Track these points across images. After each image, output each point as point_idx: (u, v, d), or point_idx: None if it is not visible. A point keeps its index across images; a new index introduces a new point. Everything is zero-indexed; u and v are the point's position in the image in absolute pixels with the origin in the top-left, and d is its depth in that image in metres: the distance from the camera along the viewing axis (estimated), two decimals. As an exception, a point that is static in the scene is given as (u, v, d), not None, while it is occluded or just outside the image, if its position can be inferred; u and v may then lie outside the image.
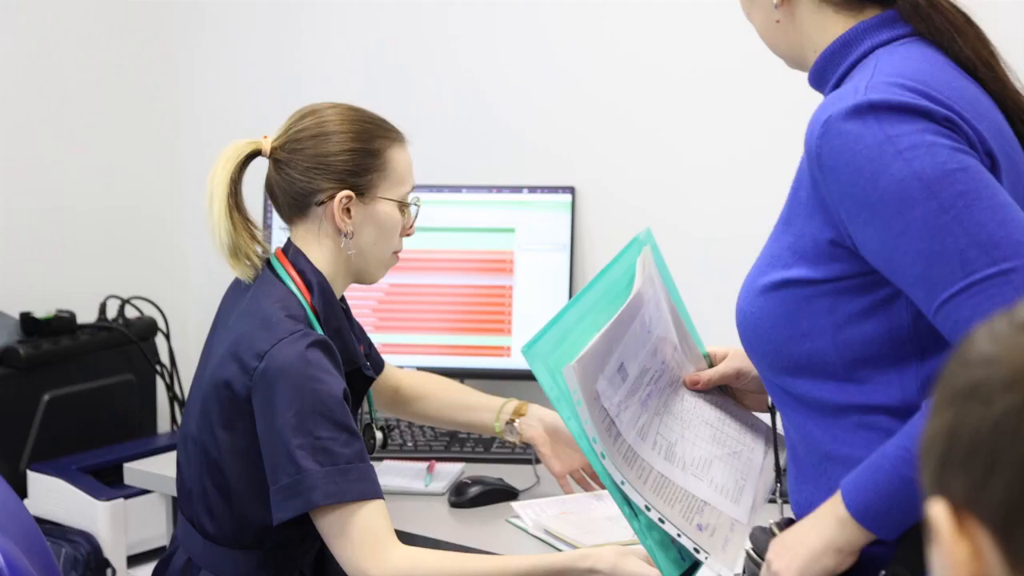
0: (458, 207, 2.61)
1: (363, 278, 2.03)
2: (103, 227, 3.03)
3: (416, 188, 2.13)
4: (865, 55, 1.43)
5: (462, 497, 2.12)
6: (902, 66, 1.38)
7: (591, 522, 2.05)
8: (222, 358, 1.92)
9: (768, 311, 1.42)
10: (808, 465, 1.44)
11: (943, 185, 1.29)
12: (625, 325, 1.53)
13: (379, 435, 2.24)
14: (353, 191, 1.93)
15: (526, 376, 2.11)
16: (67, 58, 2.98)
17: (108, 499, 2.49)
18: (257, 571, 1.95)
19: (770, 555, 1.41)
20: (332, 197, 1.92)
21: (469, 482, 2.17)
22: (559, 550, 2.03)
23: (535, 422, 2.20)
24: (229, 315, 2.01)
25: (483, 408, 2.25)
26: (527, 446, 2.24)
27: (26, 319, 2.69)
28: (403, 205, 1.98)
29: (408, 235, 2.04)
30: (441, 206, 2.56)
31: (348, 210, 1.93)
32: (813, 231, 1.38)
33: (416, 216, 2.03)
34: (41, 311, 2.71)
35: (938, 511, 0.78)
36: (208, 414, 1.92)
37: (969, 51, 1.43)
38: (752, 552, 1.52)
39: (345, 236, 1.95)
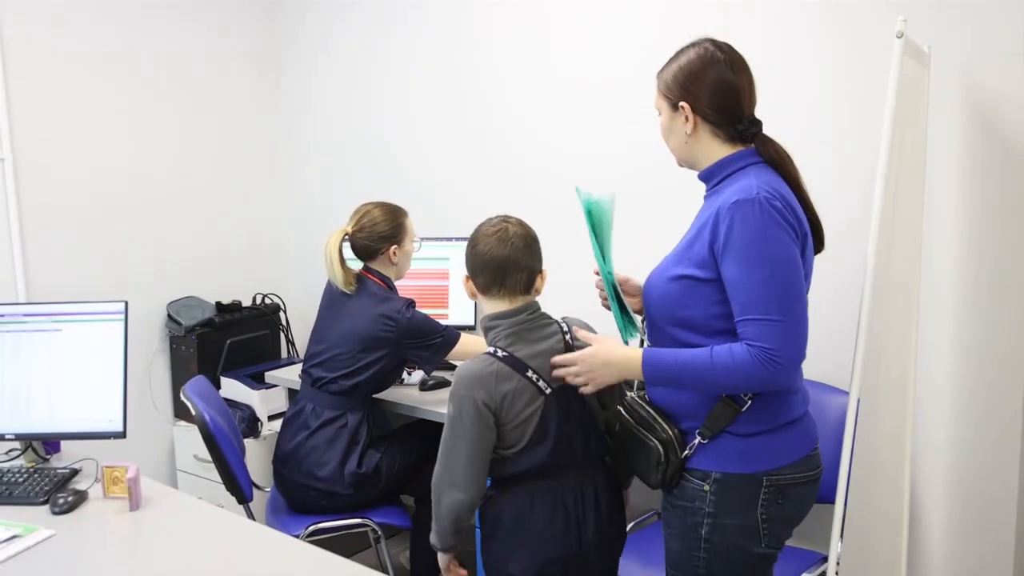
0: (424, 247, 3.10)
1: (398, 278, 2.74)
2: (254, 256, 3.74)
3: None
4: (740, 169, 1.68)
5: (425, 385, 2.93)
6: (769, 180, 1.62)
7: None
8: (364, 320, 2.57)
9: (672, 289, 1.64)
10: None
11: (784, 267, 1.56)
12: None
13: None
14: (396, 245, 2.69)
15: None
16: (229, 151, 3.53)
17: (258, 389, 3.19)
18: (347, 409, 2.64)
19: (582, 354, 1.70)
20: (387, 249, 2.67)
21: (429, 379, 2.95)
22: None
23: None
24: (343, 304, 2.63)
25: None
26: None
27: (218, 304, 3.49)
28: (413, 244, 2.74)
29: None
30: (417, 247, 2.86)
31: (395, 252, 2.68)
32: (705, 255, 1.61)
33: (419, 248, 2.78)
34: (225, 299, 3.53)
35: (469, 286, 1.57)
36: (352, 347, 2.58)
37: (792, 171, 1.70)
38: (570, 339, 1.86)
39: (394, 264, 2.71)
